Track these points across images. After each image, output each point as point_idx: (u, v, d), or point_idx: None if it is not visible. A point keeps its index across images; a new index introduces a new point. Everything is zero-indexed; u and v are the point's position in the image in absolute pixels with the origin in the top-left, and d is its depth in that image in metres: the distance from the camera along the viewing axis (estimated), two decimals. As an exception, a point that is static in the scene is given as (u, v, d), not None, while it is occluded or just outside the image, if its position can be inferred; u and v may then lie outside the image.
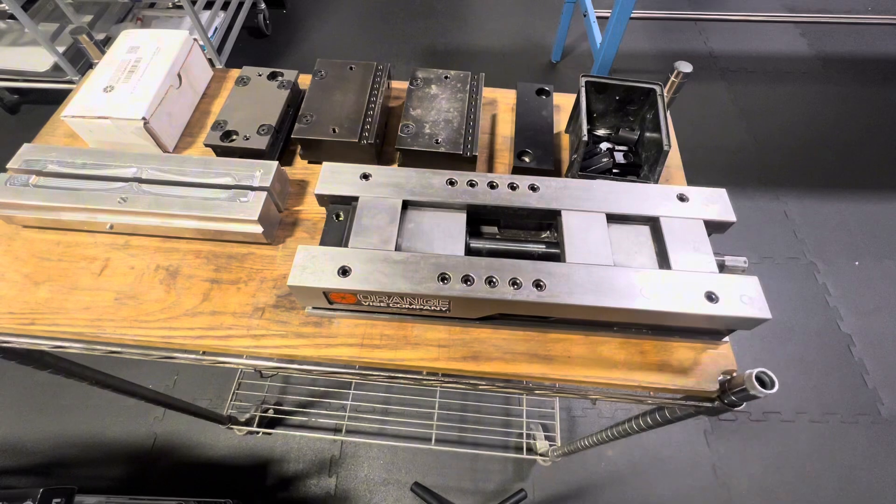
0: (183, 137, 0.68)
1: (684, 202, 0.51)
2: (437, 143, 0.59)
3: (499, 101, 0.74)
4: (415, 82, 0.66)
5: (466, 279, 0.45)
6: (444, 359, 0.50)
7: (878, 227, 1.72)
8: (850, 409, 1.37)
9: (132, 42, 0.67)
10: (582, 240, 0.49)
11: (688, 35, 2.35)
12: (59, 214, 0.55)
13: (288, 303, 0.53)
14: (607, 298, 0.44)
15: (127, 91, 0.62)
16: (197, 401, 1.33)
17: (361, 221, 0.49)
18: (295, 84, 0.67)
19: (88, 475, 1.24)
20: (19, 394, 1.33)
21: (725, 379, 0.48)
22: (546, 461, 1.22)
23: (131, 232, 0.57)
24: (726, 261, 0.50)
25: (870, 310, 1.54)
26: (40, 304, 0.52)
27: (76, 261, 0.56)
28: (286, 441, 1.30)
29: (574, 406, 1.37)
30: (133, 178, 0.55)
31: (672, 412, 0.58)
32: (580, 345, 0.51)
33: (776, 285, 1.59)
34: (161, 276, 0.55)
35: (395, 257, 0.46)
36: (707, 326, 0.49)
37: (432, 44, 2.27)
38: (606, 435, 0.78)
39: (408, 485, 1.23)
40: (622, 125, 0.66)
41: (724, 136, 1.97)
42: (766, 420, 1.36)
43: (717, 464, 1.29)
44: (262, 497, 1.23)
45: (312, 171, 0.65)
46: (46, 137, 0.67)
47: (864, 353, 1.45)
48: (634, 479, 1.26)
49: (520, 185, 0.52)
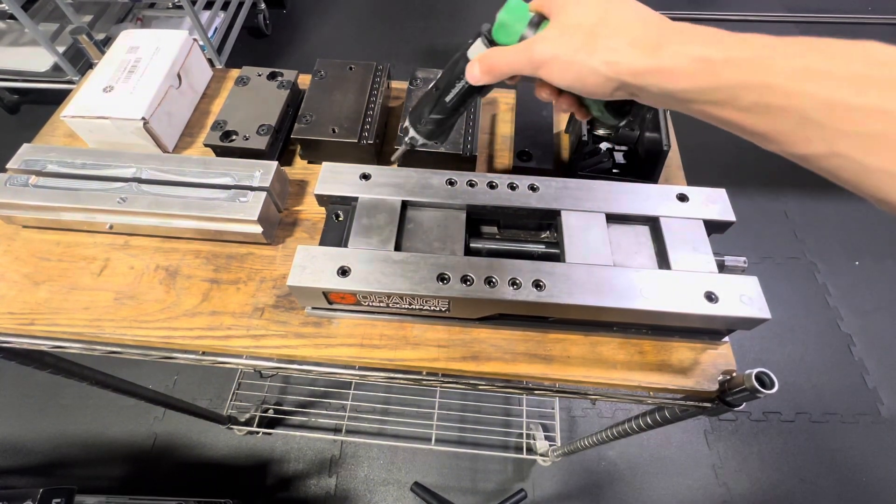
0: (182, 137, 0.68)
1: (684, 202, 0.51)
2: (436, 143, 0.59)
3: (499, 101, 0.74)
4: (415, 82, 0.66)
5: (466, 279, 0.45)
6: (444, 359, 0.50)
7: (878, 227, 1.72)
8: (850, 409, 1.37)
9: (132, 42, 0.67)
10: (581, 240, 0.49)
11: (688, 35, 2.35)
12: (59, 214, 0.55)
13: (288, 303, 0.53)
14: (607, 298, 0.44)
15: (126, 91, 0.62)
16: (197, 401, 1.33)
17: (361, 221, 0.49)
18: (295, 84, 0.67)
19: (88, 475, 1.24)
20: (19, 394, 1.33)
21: (725, 379, 0.48)
22: (546, 461, 1.22)
23: (131, 232, 0.57)
24: (726, 261, 0.50)
25: (870, 310, 1.54)
26: (40, 304, 0.52)
27: (76, 261, 0.56)
28: (286, 441, 1.30)
29: (574, 406, 1.37)
30: (133, 178, 0.55)
31: (672, 412, 0.58)
32: (580, 345, 0.51)
33: (776, 285, 1.59)
34: (161, 276, 0.55)
35: (394, 257, 0.46)
36: (707, 326, 0.49)
37: (432, 44, 2.26)
38: (606, 435, 0.78)
39: (408, 485, 1.23)
40: (622, 125, 0.66)
41: (725, 136, 1.96)
42: (766, 420, 1.35)
43: (717, 464, 1.29)
44: (262, 497, 1.24)
45: (312, 171, 0.65)
46: (46, 137, 0.67)
47: (864, 353, 1.45)
48: (634, 479, 1.26)
49: (519, 185, 0.52)
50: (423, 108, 0.45)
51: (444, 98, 0.42)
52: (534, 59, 0.34)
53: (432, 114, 0.44)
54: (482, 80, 0.37)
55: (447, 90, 0.41)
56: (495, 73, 0.36)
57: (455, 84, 0.41)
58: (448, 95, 0.42)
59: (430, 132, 0.46)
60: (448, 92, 0.41)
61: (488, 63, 0.36)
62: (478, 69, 0.37)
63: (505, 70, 0.36)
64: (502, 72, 0.36)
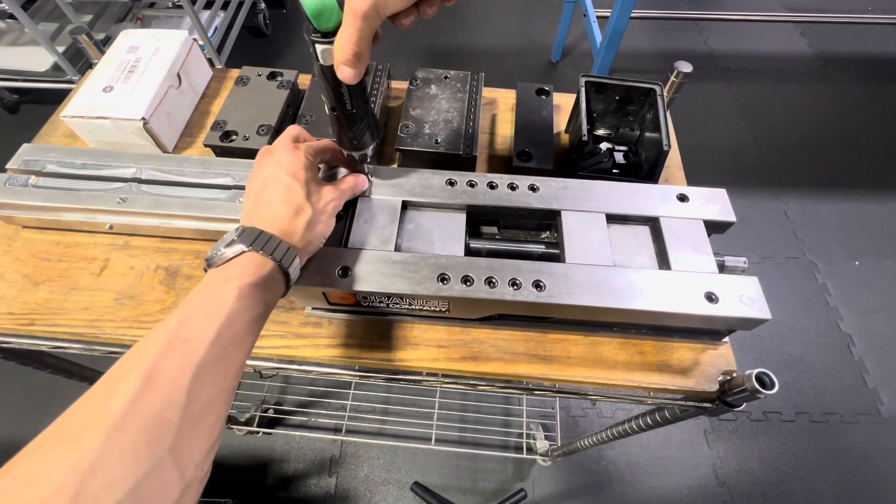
0: (182, 137, 0.68)
1: (684, 202, 0.51)
2: (436, 143, 0.59)
3: (499, 101, 0.74)
4: (415, 82, 0.66)
5: (466, 279, 0.45)
6: (444, 359, 0.50)
7: (878, 227, 1.72)
8: (850, 409, 1.37)
9: (132, 42, 0.67)
10: (581, 240, 0.49)
11: (688, 35, 2.35)
12: (59, 215, 0.55)
13: (288, 303, 0.53)
14: (607, 299, 0.44)
15: (126, 91, 0.61)
16: (197, 401, 1.33)
17: (361, 221, 0.49)
18: (294, 84, 0.67)
19: (88, 475, 1.24)
20: (19, 394, 1.33)
21: (725, 379, 0.48)
22: (546, 461, 1.22)
23: (131, 232, 0.57)
24: (726, 261, 0.50)
25: (870, 310, 1.54)
26: (40, 304, 0.52)
27: (76, 261, 0.56)
28: (286, 441, 1.30)
29: (574, 406, 1.37)
30: (132, 178, 0.55)
31: (672, 412, 0.58)
32: (580, 345, 0.51)
33: (776, 285, 1.59)
34: (161, 276, 0.55)
35: (394, 258, 0.46)
36: (707, 327, 0.49)
37: (432, 44, 2.26)
38: (606, 435, 0.78)
39: (408, 485, 1.23)
40: (622, 125, 0.66)
41: (724, 136, 1.97)
42: (766, 420, 1.36)
43: (717, 464, 1.29)
44: (261, 497, 1.23)
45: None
46: (46, 137, 0.67)
47: (864, 353, 1.45)
48: (634, 479, 1.26)
49: (519, 185, 0.52)
50: (343, 133, 0.43)
51: (347, 110, 0.40)
52: (368, 3, 0.30)
53: (354, 128, 0.42)
54: (360, 67, 0.34)
55: (343, 103, 0.39)
56: (360, 54, 0.33)
57: (342, 94, 0.38)
58: (348, 106, 0.39)
59: (366, 139, 0.45)
60: (345, 104, 0.39)
61: (346, 53, 0.33)
62: (346, 66, 0.34)
63: (364, 45, 0.33)
64: (363, 48, 0.33)
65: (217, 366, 0.30)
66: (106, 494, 0.23)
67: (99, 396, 0.26)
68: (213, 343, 0.30)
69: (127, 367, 0.28)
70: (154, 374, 0.27)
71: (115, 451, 0.24)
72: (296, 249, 0.39)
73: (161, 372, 0.27)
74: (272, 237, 0.37)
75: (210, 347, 0.30)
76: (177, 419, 0.26)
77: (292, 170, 0.41)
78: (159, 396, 0.26)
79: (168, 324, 0.30)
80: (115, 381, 0.27)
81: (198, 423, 0.28)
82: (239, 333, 0.32)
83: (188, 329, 0.30)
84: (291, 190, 0.40)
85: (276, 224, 0.38)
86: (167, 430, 0.26)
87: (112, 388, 0.26)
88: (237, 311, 0.32)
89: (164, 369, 0.27)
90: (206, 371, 0.29)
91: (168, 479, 0.25)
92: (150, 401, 0.26)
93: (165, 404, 0.26)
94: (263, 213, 0.39)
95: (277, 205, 0.39)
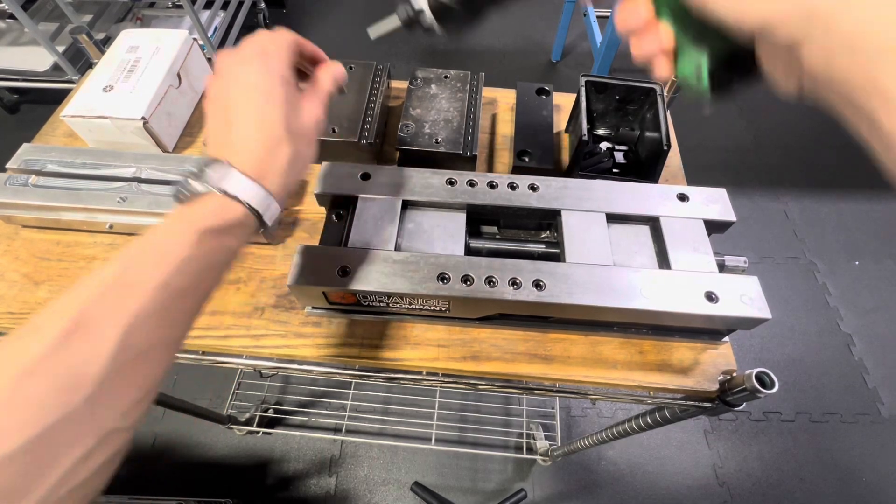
0: (182, 137, 0.68)
1: (684, 202, 0.51)
2: (436, 142, 0.59)
3: (499, 100, 0.74)
4: (415, 82, 0.66)
5: (466, 279, 0.45)
6: (444, 359, 0.50)
7: (878, 227, 1.72)
8: (850, 409, 1.37)
9: (132, 42, 0.67)
10: (582, 240, 0.49)
11: (688, 35, 2.35)
12: (59, 214, 0.55)
13: (288, 303, 0.53)
14: (607, 298, 0.44)
15: (126, 91, 0.61)
16: (197, 401, 1.32)
17: (361, 221, 0.49)
18: (295, 84, 0.67)
19: (88, 475, 1.24)
20: (19, 393, 1.33)
21: (725, 379, 0.48)
22: (546, 461, 1.22)
23: (131, 232, 0.57)
24: (726, 261, 0.50)
25: (870, 310, 1.54)
26: (40, 304, 0.52)
27: (76, 261, 0.56)
28: (286, 441, 1.30)
29: (574, 406, 1.37)
30: (132, 177, 0.55)
31: (672, 412, 0.58)
32: (580, 345, 0.51)
33: (776, 285, 1.59)
34: (161, 275, 0.55)
35: (394, 257, 0.46)
36: (707, 326, 0.49)
37: (432, 44, 2.26)
38: (606, 435, 0.78)
39: (408, 484, 1.23)
40: (622, 125, 0.66)
41: (724, 136, 1.97)
42: (766, 420, 1.36)
43: (717, 464, 1.29)
44: (261, 497, 1.24)
45: (312, 170, 0.65)
46: (46, 137, 0.67)
47: (864, 353, 1.45)
48: (634, 479, 1.27)
49: (519, 184, 0.52)
50: None
51: None
52: None
53: None
54: None
55: None
56: None
57: None
58: None
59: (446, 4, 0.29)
60: None
61: None
62: None
63: None
64: None
65: (161, 314, 0.27)
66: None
67: (22, 339, 0.24)
68: (159, 289, 0.27)
69: (57, 309, 0.26)
70: (83, 319, 0.25)
71: (21, 398, 0.22)
72: (272, 194, 0.33)
73: (91, 317, 0.25)
74: (243, 178, 0.31)
75: (155, 294, 0.27)
76: (101, 368, 0.24)
77: (266, 87, 0.33)
78: (84, 343, 0.24)
79: (113, 264, 0.28)
80: (41, 324, 0.25)
81: (129, 373, 0.26)
82: (193, 281, 0.29)
83: (132, 272, 0.27)
84: (267, 117, 0.33)
85: (249, 161, 0.32)
86: (87, 379, 0.24)
87: (35, 331, 0.24)
88: (192, 257, 0.29)
89: (96, 315, 0.25)
90: (146, 319, 0.26)
91: (81, 429, 0.24)
92: (72, 348, 0.24)
93: (89, 352, 0.24)
94: (232, 144, 0.32)
95: (249, 136, 0.32)
